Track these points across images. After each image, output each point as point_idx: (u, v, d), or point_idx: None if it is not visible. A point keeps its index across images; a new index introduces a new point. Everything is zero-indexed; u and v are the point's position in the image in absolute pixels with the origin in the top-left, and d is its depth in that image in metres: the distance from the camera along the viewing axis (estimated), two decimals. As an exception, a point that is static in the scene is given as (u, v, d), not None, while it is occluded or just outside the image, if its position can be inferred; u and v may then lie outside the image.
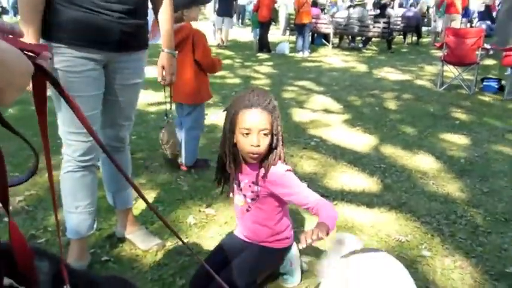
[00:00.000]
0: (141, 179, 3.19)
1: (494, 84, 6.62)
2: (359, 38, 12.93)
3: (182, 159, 3.38)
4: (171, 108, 2.88)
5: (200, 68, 3.20)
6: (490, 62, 9.12)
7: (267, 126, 1.68)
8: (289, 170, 1.79)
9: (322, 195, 2.91)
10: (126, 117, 2.11)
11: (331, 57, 10.76)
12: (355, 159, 3.71)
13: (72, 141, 1.90)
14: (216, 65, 3.28)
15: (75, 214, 2.03)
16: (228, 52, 10.27)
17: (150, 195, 2.93)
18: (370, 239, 2.48)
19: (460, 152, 3.98)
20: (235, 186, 1.89)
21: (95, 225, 2.17)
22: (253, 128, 1.67)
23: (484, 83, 6.72)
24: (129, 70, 1.98)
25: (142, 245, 2.30)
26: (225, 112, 1.78)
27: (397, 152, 3.94)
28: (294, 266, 2.06)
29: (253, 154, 1.71)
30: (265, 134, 1.69)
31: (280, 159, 1.78)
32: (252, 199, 1.86)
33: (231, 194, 1.97)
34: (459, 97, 6.29)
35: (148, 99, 5.36)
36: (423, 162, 3.72)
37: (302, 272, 2.11)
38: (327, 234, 1.50)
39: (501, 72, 7.55)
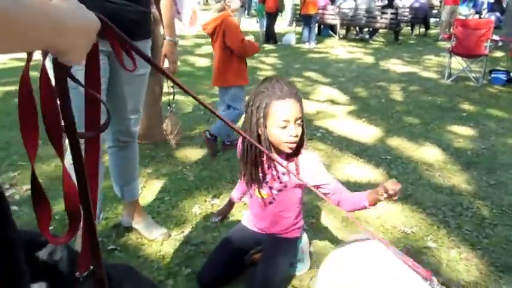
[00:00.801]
0: (147, 169, 3.20)
1: (503, 76, 6.55)
2: (366, 29, 12.81)
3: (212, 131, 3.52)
4: (173, 98, 2.88)
5: (232, 53, 3.39)
6: (498, 53, 9.02)
7: (301, 115, 1.71)
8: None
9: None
10: (134, 110, 2.08)
11: (337, 48, 10.69)
12: (361, 151, 3.70)
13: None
14: (248, 49, 3.44)
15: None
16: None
17: (156, 185, 2.94)
18: (376, 230, 2.48)
19: (466, 144, 3.96)
20: (260, 179, 1.83)
21: (101, 215, 2.19)
22: (291, 118, 1.67)
23: (492, 75, 6.65)
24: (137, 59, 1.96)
25: (148, 235, 2.32)
26: (250, 107, 1.73)
27: (403, 144, 3.92)
28: (305, 253, 2.08)
29: (292, 144, 1.71)
30: (299, 124, 1.71)
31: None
32: (279, 190, 1.85)
33: (252, 189, 1.91)
34: (467, 89, 6.24)
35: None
36: (429, 154, 3.70)
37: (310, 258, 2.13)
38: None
39: (510, 64, 7.47)
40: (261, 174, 1.82)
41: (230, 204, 2.23)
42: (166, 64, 2.29)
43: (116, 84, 1.95)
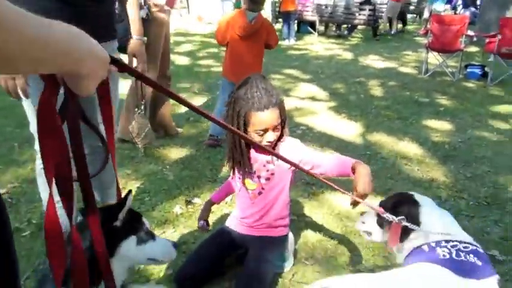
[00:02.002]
0: (126, 169, 3.16)
1: (478, 71, 6.69)
2: (344, 25, 12.91)
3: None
4: (142, 100, 2.84)
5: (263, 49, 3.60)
6: (473, 48, 9.21)
7: (279, 121, 1.75)
8: None
9: (307, 183, 2.94)
10: None
11: (317, 44, 10.75)
12: (341, 147, 3.73)
13: None
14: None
15: (57, 209, 2.00)
16: (213, 41, 10.18)
17: (136, 186, 2.91)
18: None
19: (444, 138, 4.03)
20: (245, 172, 1.87)
21: (78, 219, 2.15)
22: (269, 127, 1.73)
23: (468, 70, 6.78)
24: None
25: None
26: (230, 110, 1.76)
27: (383, 139, 3.96)
28: (289, 252, 2.10)
29: (269, 144, 1.77)
30: (278, 129, 1.76)
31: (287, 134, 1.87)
32: (267, 179, 1.88)
33: (236, 182, 1.96)
34: (443, 84, 6.35)
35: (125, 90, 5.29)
36: (408, 148, 3.75)
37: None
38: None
39: (484, 58, 7.63)
40: (248, 167, 1.85)
41: (210, 204, 2.22)
42: (135, 64, 2.27)
43: None
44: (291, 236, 2.11)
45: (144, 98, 2.86)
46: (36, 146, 1.93)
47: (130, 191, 1.24)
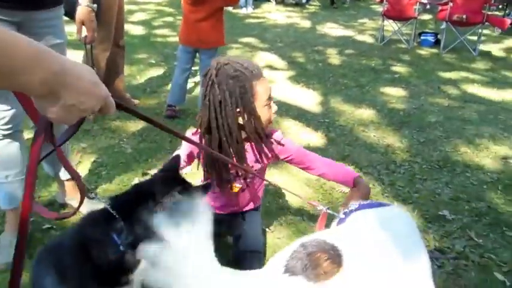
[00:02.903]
0: (82, 143, 3.06)
1: (431, 38, 6.86)
2: (302, -7, 12.80)
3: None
4: (93, 66, 2.73)
5: (221, 12, 3.45)
6: (427, 16, 9.40)
7: None
8: None
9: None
10: None
11: (274, 13, 10.63)
12: (300, 115, 3.76)
13: None
14: None
15: (6, 184, 1.91)
16: (168, 9, 9.84)
17: (92, 160, 2.83)
18: (316, 191, 2.56)
19: (399, 105, 4.14)
20: (232, 178, 1.69)
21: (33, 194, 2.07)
22: (271, 95, 1.58)
23: (422, 37, 6.94)
24: (48, 29, 1.80)
25: (86, 210, 2.23)
26: (213, 99, 1.50)
27: (341, 107, 4.02)
28: None
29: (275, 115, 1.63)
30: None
31: None
32: (251, 177, 1.76)
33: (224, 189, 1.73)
34: (398, 51, 6.48)
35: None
36: (365, 115, 3.84)
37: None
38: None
39: (437, 26, 7.82)
40: (233, 173, 1.69)
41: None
42: (84, 33, 2.16)
43: None
44: None
45: (95, 69, 2.74)
46: None
47: None
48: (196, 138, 1.62)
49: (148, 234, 1.02)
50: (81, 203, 0.88)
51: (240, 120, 1.52)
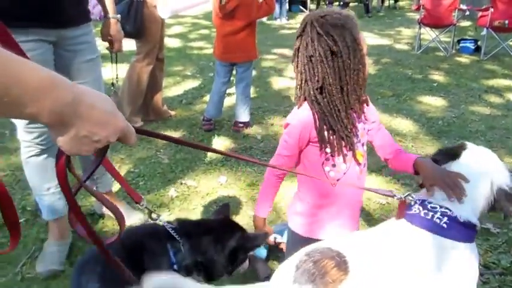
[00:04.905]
0: (120, 154, 3.14)
1: (471, 45, 6.65)
2: (336, 3, 12.77)
3: (241, 118, 3.61)
4: (117, 77, 2.78)
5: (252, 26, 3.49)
6: (466, 23, 9.14)
7: None
8: None
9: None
10: None
11: (309, 23, 10.63)
12: (335, 125, 3.71)
13: (31, 128, 1.83)
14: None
15: (48, 196, 1.98)
16: (204, 22, 10.03)
17: (130, 171, 2.90)
18: (352, 203, 2.51)
19: (438, 114, 4.03)
20: (353, 142, 1.43)
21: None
22: None
23: (461, 45, 6.74)
24: (82, 46, 1.89)
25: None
26: (338, 45, 1.32)
27: (376, 112, 3.95)
28: None
29: None
30: None
31: None
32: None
33: (340, 165, 1.45)
34: (436, 59, 6.32)
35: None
36: (402, 125, 3.75)
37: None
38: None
39: (477, 33, 7.59)
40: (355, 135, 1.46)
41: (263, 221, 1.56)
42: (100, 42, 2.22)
43: (72, 76, 1.87)
44: None
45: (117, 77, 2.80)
46: (19, 136, 1.91)
47: None
48: (305, 110, 1.41)
49: (204, 266, 1.13)
50: (120, 232, 0.84)
51: (351, 69, 1.36)
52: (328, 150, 1.41)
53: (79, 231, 0.82)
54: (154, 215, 1.10)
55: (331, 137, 1.40)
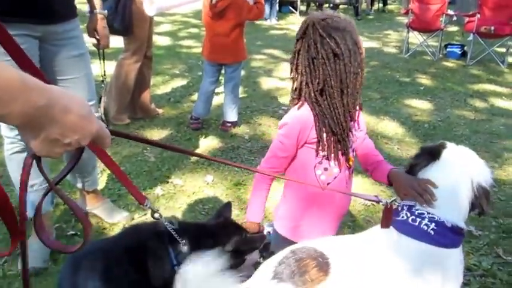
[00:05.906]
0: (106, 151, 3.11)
1: (458, 50, 6.74)
2: (326, 5, 12.82)
3: (229, 118, 3.60)
4: (104, 75, 2.74)
5: (241, 27, 3.48)
6: (453, 28, 9.26)
7: None
8: None
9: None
10: (91, 96, 2.02)
11: (298, 24, 10.52)
12: (323, 127, 3.74)
13: None
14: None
15: (32, 193, 1.95)
16: (194, 20, 10.00)
17: (116, 168, 2.87)
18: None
19: (424, 117, 4.07)
20: (347, 147, 1.45)
21: (54, 200, 2.13)
22: None
23: (448, 49, 6.83)
24: (69, 41, 1.87)
25: (109, 218, 2.27)
26: (340, 48, 1.33)
27: (364, 119, 3.97)
28: None
29: None
30: None
31: None
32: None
33: (332, 169, 1.46)
34: (424, 63, 6.39)
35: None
36: (389, 127, 3.79)
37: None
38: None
39: (464, 38, 7.69)
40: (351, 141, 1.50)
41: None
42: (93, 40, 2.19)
43: (61, 71, 1.86)
44: None
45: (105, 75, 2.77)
46: (3, 132, 1.88)
47: None
48: (305, 111, 1.43)
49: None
50: (85, 240, 0.81)
51: (352, 73, 1.38)
52: (324, 153, 1.41)
53: (46, 241, 0.80)
54: (156, 215, 1.09)
55: (329, 140, 1.41)
